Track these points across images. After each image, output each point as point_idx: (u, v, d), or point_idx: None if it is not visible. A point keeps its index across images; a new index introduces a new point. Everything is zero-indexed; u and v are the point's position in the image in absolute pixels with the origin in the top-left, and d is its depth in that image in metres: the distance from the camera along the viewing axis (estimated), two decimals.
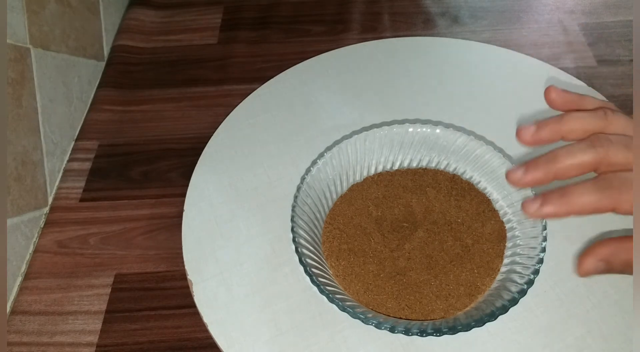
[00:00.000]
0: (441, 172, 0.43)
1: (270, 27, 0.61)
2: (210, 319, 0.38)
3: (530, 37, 0.58)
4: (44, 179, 0.46)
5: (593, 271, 0.27)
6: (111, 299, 0.40)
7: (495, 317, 0.33)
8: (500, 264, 0.38)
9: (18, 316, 0.39)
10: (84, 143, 0.51)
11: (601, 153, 0.27)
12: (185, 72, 0.56)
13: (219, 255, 0.41)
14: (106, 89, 0.55)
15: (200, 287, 0.39)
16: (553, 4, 0.62)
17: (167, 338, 0.38)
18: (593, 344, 0.35)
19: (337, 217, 0.41)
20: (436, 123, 0.43)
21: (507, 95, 0.51)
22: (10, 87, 0.41)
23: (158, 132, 0.51)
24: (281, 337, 0.36)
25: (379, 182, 0.43)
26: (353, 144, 0.42)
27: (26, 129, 0.43)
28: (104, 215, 0.45)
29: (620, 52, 0.55)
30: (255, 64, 0.57)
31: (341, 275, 0.37)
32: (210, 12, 0.64)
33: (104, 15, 0.59)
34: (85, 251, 0.43)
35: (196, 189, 0.45)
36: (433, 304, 0.36)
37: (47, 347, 0.38)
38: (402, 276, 0.37)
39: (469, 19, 0.60)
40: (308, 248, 0.37)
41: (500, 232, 0.39)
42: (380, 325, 0.33)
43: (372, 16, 0.62)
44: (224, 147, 0.48)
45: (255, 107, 0.51)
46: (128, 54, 0.59)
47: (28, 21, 0.44)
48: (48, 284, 0.41)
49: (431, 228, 0.40)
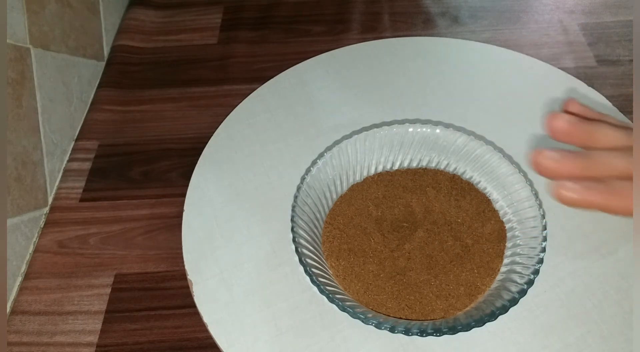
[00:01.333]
0: (441, 172, 0.43)
1: (270, 27, 0.61)
2: (210, 319, 0.38)
3: (530, 37, 0.58)
4: (44, 179, 0.46)
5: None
6: (111, 299, 0.40)
7: (495, 317, 0.33)
8: (500, 264, 0.38)
9: (18, 316, 0.39)
10: (84, 143, 0.51)
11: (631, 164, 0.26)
12: (185, 72, 0.56)
13: (219, 255, 0.41)
14: (106, 89, 0.55)
15: (200, 287, 0.39)
16: (553, 4, 0.62)
17: (167, 338, 0.38)
18: (593, 344, 0.35)
19: (337, 217, 0.41)
20: (436, 123, 0.43)
21: (507, 95, 0.51)
22: (10, 87, 0.41)
23: (158, 132, 0.51)
24: (281, 337, 0.36)
25: (379, 182, 0.43)
26: (353, 144, 0.42)
27: (26, 129, 0.43)
28: (104, 215, 0.45)
29: (620, 52, 0.55)
30: (255, 64, 0.57)
31: (341, 275, 0.37)
32: (210, 12, 0.64)
33: (104, 15, 0.59)
34: (85, 251, 0.43)
35: (196, 189, 0.45)
36: (433, 304, 0.36)
37: (47, 347, 0.38)
38: (402, 276, 0.37)
39: (469, 19, 0.60)
40: (308, 248, 0.37)
41: (500, 232, 0.39)
42: (380, 325, 0.33)
43: (372, 16, 0.62)
44: (224, 147, 0.48)
45: (255, 107, 0.51)
46: (128, 54, 0.59)
47: (28, 21, 0.44)
48: (48, 284, 0.41)
49: (431, 228, 0.40)
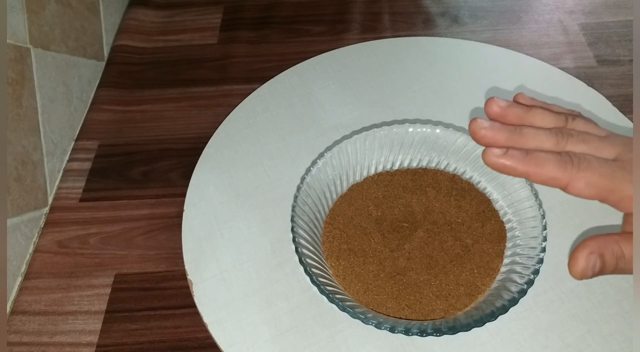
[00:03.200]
0: (441, 172, 0.43)
1: (270, 27, 0.61)
2: (210, 319, 0.38)
3: (530, 37, 0.58)
4: (44, 179, 0.46)
5: (586, 266, 0.27)
6: (111, 299, 0.40)
7: (495, 317, 0.33)
8: (500, 264, 0.38)
9: (18, 316, 0.39)
10: (84, 143, 0.51)
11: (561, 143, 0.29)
12: (185, 72, 0.56)
13: (219, 255, 0.41)
14: (106, 89, 0.55)
15: (200, 287, 0.39)
16: (553, 4, 0.62)
17: (167, 338, 0.38)
18: (593, 344, 0.35)
19: (337, 217, 0.41)
20: (436, 123, 0.43)
21: (507, 95, 0.50)
22: (10, 87, 0.41)
23: (158, 132, 0.51)
24: (281, 337, 0.36)
25: (379, 182, 0.43)
26: (353, 144, 0.42)
27: (26, 129, 0.43)
28: (104, 215, 0.45)
29: (620, 52, 0.55)
30: (255, 64, 0.57)
31: (341, 275, 0.37)
32: (210, 12, 0.64)
33: (104, 15, 0.59)
34: (85, 251, 0.43)
35: (196, 189, 0.45)
36: (433, 304, 0.36)
37: (47, 347, 0.38)
38: (402, 276, 0.37)
39: (469, 19, 0.60)
40: (308, 248, 0.37)
41: (500, 232, 0.39)
42: (380, 325, 0.33)
43: (372, 16, 0.62)
44: (224, 147, 0.48)
45: (255, 107, 0.51)
46: (128, 54, 0.59)
47: (28, 21, 0.44)
48: (48, 284, 0.41)
49: (431, 228, 0.40)
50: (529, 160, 0.28)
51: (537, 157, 0.28)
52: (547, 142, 0.29)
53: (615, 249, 0.28)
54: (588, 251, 0.27)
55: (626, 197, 0.27)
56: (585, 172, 0.27)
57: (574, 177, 0.27)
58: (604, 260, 0.27)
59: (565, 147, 0.29)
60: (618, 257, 0.28)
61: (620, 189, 0.27)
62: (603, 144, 0.29)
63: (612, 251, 0.28)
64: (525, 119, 0.30)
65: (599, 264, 0.27)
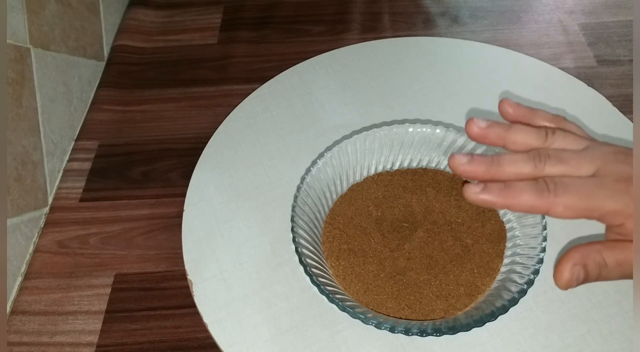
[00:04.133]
0: (441, 172, 0.43)
1: (270, 27, 0.61)
2: (210, 319, 0.38)
3: (530, 37, 0.58)
4: (44, 179, 0.46)
5: (570, 278, 0.28)
6: (111, 299, 0.40)
7: (495, 317, 0.33)
8: (500, 264, 0.38)
9: (18, 316, 0.39)
10: (84, 143, 0.51)
11: (539, 167, 0.29)
12: (185, 72, 0.56)
13: (219, 255, 0.41)
14: (106, 89, 0.55)
15: (200, 287, 0.39)
16: (553, 4, 0.62)
17: (167, 338, 0.38)
18: (593, 344, 0.35)
19: (337, 217, 0.41)
20: (436, 123, 0.43)
21: (507, 95, 0.50)
22: (10, 87, 0.41)
23: (158, 132, 0.51)
24: (281, 337, 0.36)
25: (379, 182, 0.43)
26: (353, 144, 0.42)
27: (26, 129, 0.43)
28: (104, 215, 0.45)
29: (620, 52, 0.55)
30: (255, 64, 0.57)
31: (341, 275, 0.37)
32: (210, 12, 0.64)
33: (104, 15, 0.59)
34: (85, 251, 0.43)
35: (196, 189, 0.45)
36: (433, 304, 0.36)
37: (47, 347, 0.38)
38: (402, 276, 0.37)
39: (469, 19, 0.60)
40: (308, 248, 0.37)
41: (500, 232, 0.39)
42: (380, 325, 0.33)
43: (372, 16, 0.62)
44: (224, 147, 0.48)
45: (255, 107, 0.51)
46: (128, 54, 0.59)
47: (28, 21, 0.44)
48: (48, 284, 0.41)
49: (431, 228, 0.40)
50: (507, 193, 0.28)
51: (515, 188, 0.28)
52: (525, 168, 0.29)
53: (597, 259, 0.28)
54: (572, 262, 0.28)
55: (608, 212, 0.28)
56: (563, 197, 0.28)
57: (552, 204, 0.28)
58: (587, 270, 0.28)
59: (543, 170, 0.29)
60: (601, 266, 0.28)
61: (600, 207, 0.28)
62: (582, 161, 0.29)
63: (595, 261, 0.28)
64: (506, 138, 0.31)
65: (582, 274, 0.28)
